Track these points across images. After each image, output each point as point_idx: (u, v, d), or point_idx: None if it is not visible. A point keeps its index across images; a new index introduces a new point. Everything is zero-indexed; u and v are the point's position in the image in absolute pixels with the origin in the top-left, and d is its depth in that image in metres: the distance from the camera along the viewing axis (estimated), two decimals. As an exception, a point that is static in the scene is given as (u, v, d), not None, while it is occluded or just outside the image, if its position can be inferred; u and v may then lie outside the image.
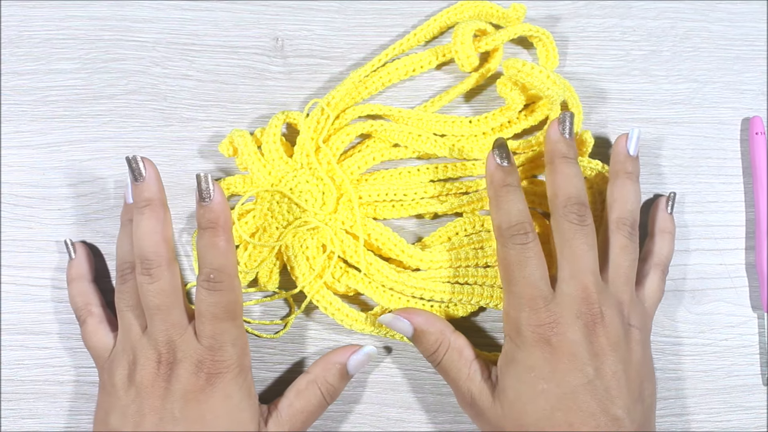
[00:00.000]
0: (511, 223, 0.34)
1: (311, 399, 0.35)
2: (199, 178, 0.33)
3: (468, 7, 0.40)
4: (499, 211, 0.34)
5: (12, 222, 0.39)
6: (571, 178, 0.35)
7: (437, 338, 0.35)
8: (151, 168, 0.34)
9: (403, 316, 0.35)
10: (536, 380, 0.32)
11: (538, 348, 0.32)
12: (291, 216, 0.38)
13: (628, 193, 0.36)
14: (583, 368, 0.32)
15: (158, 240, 0.33)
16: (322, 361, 0.36)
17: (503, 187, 0.34)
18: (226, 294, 0.33)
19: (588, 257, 0.33)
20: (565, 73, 0.41)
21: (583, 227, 0.34)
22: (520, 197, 0.35)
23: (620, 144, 0.37)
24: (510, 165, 0.35)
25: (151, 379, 0.32)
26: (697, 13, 0.42)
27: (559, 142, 0.36)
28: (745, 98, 0.41)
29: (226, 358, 0.33)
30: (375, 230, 0.38)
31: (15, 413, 0.38)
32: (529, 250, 0.33)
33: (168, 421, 0.32)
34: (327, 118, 0.38)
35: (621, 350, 0.32)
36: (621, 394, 0.32)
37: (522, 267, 0.33)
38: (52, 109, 0.40)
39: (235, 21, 0.41)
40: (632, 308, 0.34)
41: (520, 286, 0.33)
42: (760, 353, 0.39)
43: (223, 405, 0.32)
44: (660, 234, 0.38)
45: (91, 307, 0.36)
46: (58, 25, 0.41)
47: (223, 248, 0.33)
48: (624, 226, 0.35)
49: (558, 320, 0.32)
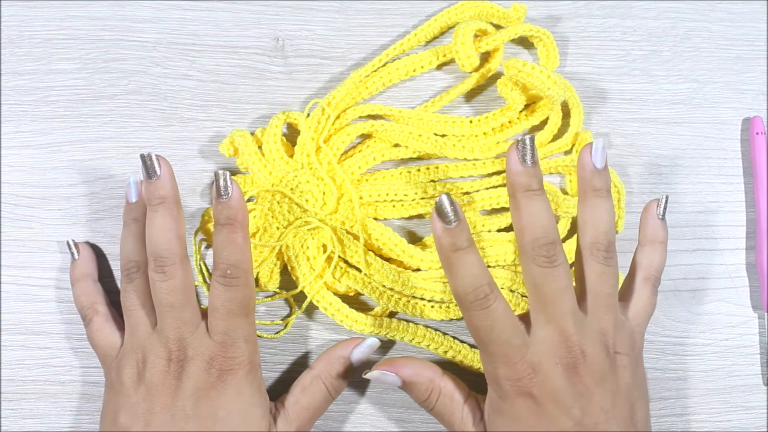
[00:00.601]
0: (468, 290, 0.31)
1: (316, 395, 0.35)
2: (217, 175, 0.33)
3: (468, 7, 0.40)
4: (454, 278, 0.32)
5: (13, 222, 0.39)
6: (536, 216, 0.32)
7: (427, 386, 0.34)
8: (166, 165, 0.34)
9: (390, 370, 0.34)
10: (525, 429, 0.31)
11: (520, 399, 0.31)
12: (291, 216, 0.38)
13: (599, 213, 0.33)
14: (568, 412, 0.31)
15: (172, 237, 0.33)
16: (326, 356, 0.36)
17: (454, 252, 0.31)
18: (242, 290, 0.33)
19: (563, 300, 0.31)
20: (565, 73, 0.41)
21: (554, 269, 0.31)
22: (474, 258, 0.32)
23: (584, 157, 0.33)
24: (459, 224, 0.31)
25: (161, 376, 0.32)
26: (697, 13, 0.42)
27: (519, 174, 0.32)
28: (745, 98, 0.41)
29: (238, 354, 0.33)
30: (375, 230, 0.38)
31: (16, 413, 0.38)
32: (493, 312, 0.31)
33: (180, 419, 0.32)
34: (327, 118, 0.38)
35: (608, 382, 0.31)
36: (610, 426, 0.31)
37: (489, 331, 0.31)
38: (52, 109, 0.40)
39: (235, 21, 0.41)
40: (617, 335, 0.32)
41: (492, 347, 0.32)
42: (761, 353, 0.39)
43: (235, 401, 0.32)
44: (650, 244, 0.35)
45: (96, 306, 0.36)
46: (58, 25, 0.41)
47: (241, 244, 0.33)
48: (598, 252, 0.33)
49: (536, 369, 0.31)
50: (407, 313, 0.37)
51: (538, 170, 0.32)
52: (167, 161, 0.34)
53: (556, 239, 0.32)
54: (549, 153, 0.39)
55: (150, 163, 0.34)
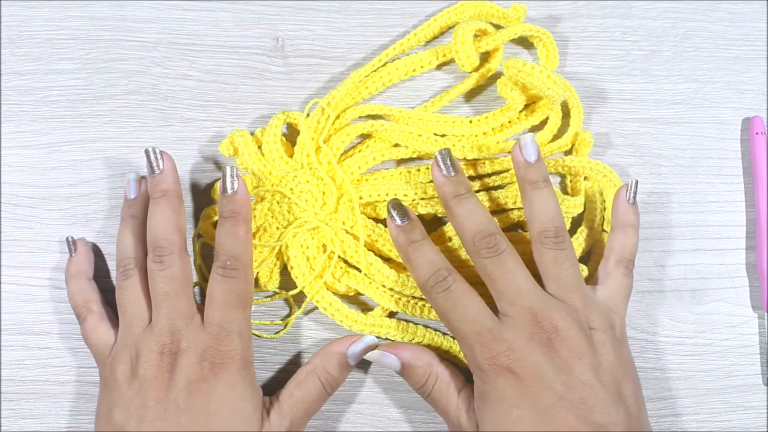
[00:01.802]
0: (427, 275, 0.34)
1: (311, 389, 0.35)
2: (225, 171, 0.35)
3: (468, 7, 0.40)
4: (414, 270, 0.34)
5: (12, 222, 0.39)
6: (469, 215, 0.34)
7: (425, 371, 0.35)
8: (169, 160, 0.36)
9: (390, 351, 0.35)
10: (509, 409, 0.31)
11: (501, 378, 0.32)
12: (291, 216, 0.38)
13: (540, 204, 0.34)
14: (551, 386, 0.31)
15: (171, 228, 0.34)
16: (322, 351, 0.36)
17: (409, 245, 0.34)
18: (240, 282, 0.34)
19: (518, 279, 0.33)
20: (565, 73, 0.41)
21: (499, 255, 0.33)
22: (428, 248, 0.34)
23: (516, 155, 0.35)
24: (409, 222, 0.35)
25: (154, 370, 0.32)
26: (697, 13, 0.42)
27: (444, 185, 0.35)
28: (745, 98, 0.41)
29: (232, 347, 0.33)
30: (375, 230, 0.38)
31: (15, 413, 0.38)
32: (453, 292, 0.33)
33: (172, 412, 0.32)
34: (327, 118, 0.38)
35: (587, 357, 0.31)
36: (598, 400, 0.31)
37: (453, 310, 0.33)
38: (52, 109, 0.40)
39: (235, 21, 0.41)
40: (588, 311, 0.33)
41: (462, 328, 0.33)
42: (760, 353, 0.39)
43: (227, 395, 0.33)
44: (621, 228, 0.36)
45: (90, 304, 0.36)
46: (58, 25, 0.41)
47: (243, 238, 0.35)
48: (548, 239, 0.34)
49: (512, 347, 0.32)
50: (407, 313, 0.37)
51: (463, 176, 0.35)
52: (170, 156, 0.36)
53: (494, 228, 0.34)
54: (549, 153, 0.39)
55: (153, 158, 0.35)
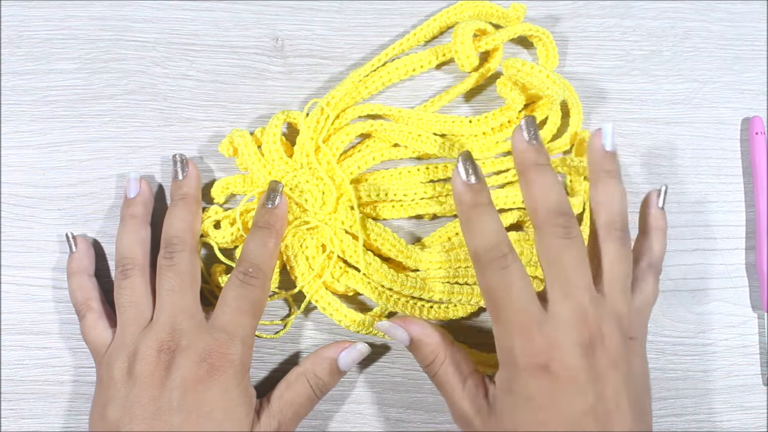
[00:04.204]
0: (488, 246, 0.31)
1: (300, 391, 0.35)
2: (272, 185, 0.36)
3: (468, 6, 0.40)
4: (473, 235, 0.32)
5: (12, 222, 0.39)
6: (548, 188, 0.32)
7: (433, 350, 0.34)
8: (194, 168, 0.37)
9: (401, 324, 0.34)
10: (536, 411, 0.30)
11: (536, 377, 0.30)
12: (291, 216, 0.38)
13: (613, 194, 0.33)
14: (584, 394, 0.29)
15: (186, 228, 0.35)
16: (314, 354, 0.36)
17: (474, 208, 0.32)
18: (257, 291, 0.34)
19: (580, 273, 0.31)
20: (565, 73, 0.41)
21: (571, 240, 0.31)
22: (494, 216, 0.32)
23: (595, 141, 0.34)
24: (479, 181, 0.32)
25: (150, 368, 0.32)
26: (697, 13, 0.42)
27: (526, 151, 0.33)
28: (745, 98, 0.41)
29: (233, 352, 0.33)
30: (374, 230, 0.38)
31: (15, 413, 0.38)
32: (512, 273, 0.31)
33: (165, 410, 0.32)
34: (327, 117, 0.38)
35: (621, 368, 0.30)
36: (622, 415, 0.30)
37: (507, 292, 0.31)
38: (52, 109, 0.40)
39: (235, 21, 0.41)
40: (632, 319, 0.32)
41: (508, 313, 0.31)
42: (760, 353, 0.39)
43: (220, 398, 0.32)
44: (653, 231, 0.36)
45: (90, 302, 0.36)
46: (58, 25, 0.41)
47: (271, 249, 0.35)
48: (615, 231, 0.33)
49: (554, 345, 0.30)
50: (407, 313, 0.37)
51: (544, 148, 0.33)
52: (195, 165, 0.38)
53: (570, 211, 0.32)
54: (548, 152, 0.39)
55: (180, 164, 0.37)
